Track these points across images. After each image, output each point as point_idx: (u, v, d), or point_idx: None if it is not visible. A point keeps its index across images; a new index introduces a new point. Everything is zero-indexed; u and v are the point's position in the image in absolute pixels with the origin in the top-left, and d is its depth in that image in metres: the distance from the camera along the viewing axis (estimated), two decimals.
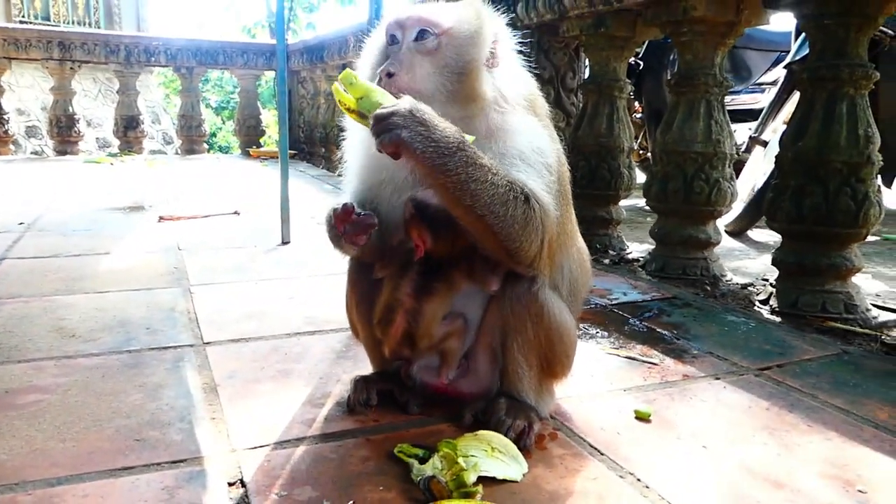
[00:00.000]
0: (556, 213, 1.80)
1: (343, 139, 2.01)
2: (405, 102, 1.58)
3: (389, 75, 1.73)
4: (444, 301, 1.87)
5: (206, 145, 11.88)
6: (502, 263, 1.80)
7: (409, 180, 1.82)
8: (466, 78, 1.76)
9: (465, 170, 1.59)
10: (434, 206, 1.75)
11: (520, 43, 1.91)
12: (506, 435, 1.77)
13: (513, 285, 1.83)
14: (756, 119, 6.29)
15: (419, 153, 1.56)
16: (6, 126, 10.40)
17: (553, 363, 1.91)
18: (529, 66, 1.94)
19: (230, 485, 1.64)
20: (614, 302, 3.27)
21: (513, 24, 1.97)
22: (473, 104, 1.78)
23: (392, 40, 1.82)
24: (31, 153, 15.14)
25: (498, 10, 1.92)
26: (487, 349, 1.93)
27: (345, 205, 1.74)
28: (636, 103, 7.97)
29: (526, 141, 1.80)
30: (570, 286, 1.97)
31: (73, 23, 18.24)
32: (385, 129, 1.55)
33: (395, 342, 1.90)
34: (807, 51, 3.41)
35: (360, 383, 2.05)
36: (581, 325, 2.71)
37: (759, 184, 5.50)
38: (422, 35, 1.77)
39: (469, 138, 1.65)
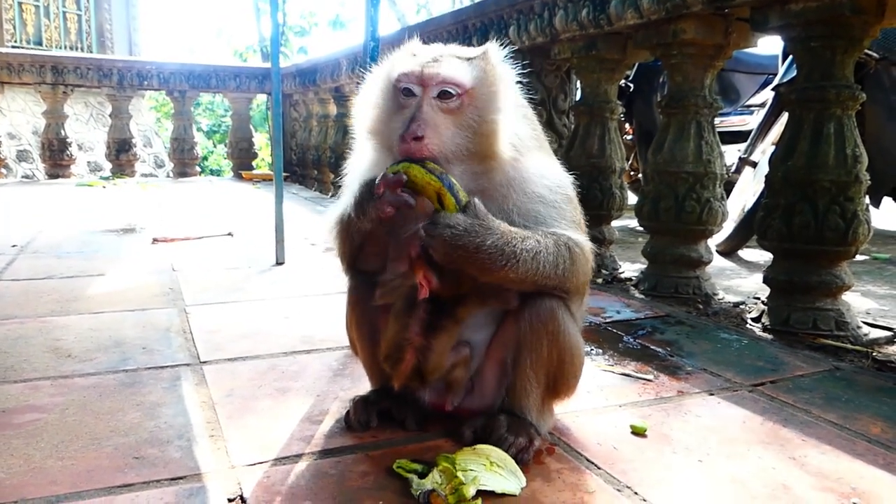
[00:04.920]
0: (590, 245, 1.87)
1: (344, 160, 2.02)
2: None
3: (417, 139, 1.68)
4: (452, 335, 1.86)
5: (198, 168, 11.90)
6: None
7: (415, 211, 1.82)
8: (487, 137, 1.75)
9: (516, 267, 1.69)
10: None
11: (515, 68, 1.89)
12: (506, 452, 1.78)
13: (532, 302, 1.84)
14: (745, 140, 6.37)
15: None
16: None
17: (559, 382, 1.92)
18: (522, 90, 1.94)
19: (230, 501, 1.65)
20: (608, 320, 3.29)
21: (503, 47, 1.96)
22: (493, 159, 1.78)
23: (407, 92, 1.76)
24: (23, 177, 15.09)
25: (491, 35, 1.92)
26: (497, 365, 1.94)
27: (397, 173, 1.67)
28: (627, 125, 8.05)
29: (546, 183, 1.85)
30: (578, 302, 1.99)
31: (65, 47, 18.26)
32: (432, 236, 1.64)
33: (405, 377, 1.88)
34: (794, 73, 3.47)
35: (360, 404, 2.04)
36: None
37: (750, 204, 5.56)
38: (445, 94, 1.72)
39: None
